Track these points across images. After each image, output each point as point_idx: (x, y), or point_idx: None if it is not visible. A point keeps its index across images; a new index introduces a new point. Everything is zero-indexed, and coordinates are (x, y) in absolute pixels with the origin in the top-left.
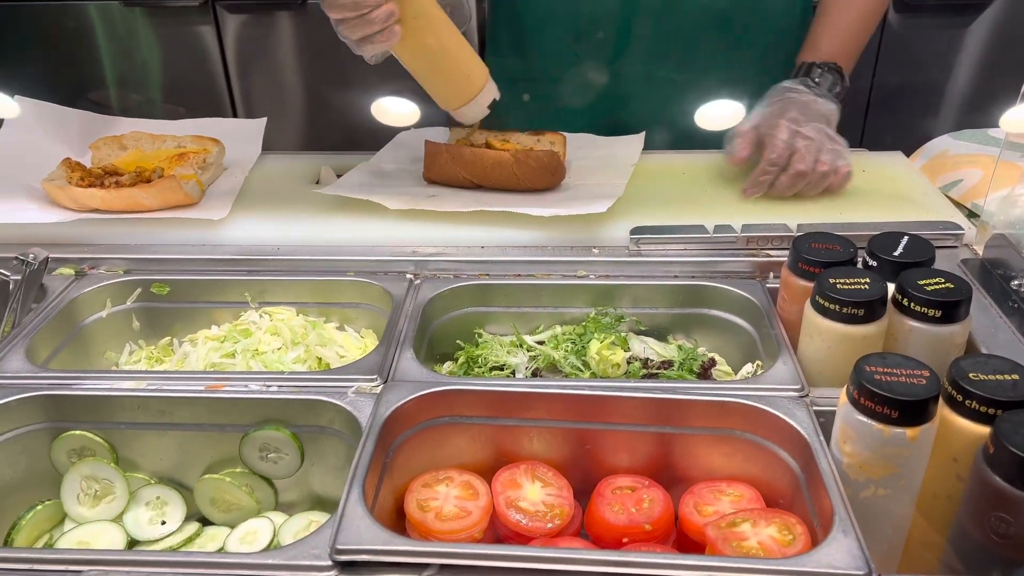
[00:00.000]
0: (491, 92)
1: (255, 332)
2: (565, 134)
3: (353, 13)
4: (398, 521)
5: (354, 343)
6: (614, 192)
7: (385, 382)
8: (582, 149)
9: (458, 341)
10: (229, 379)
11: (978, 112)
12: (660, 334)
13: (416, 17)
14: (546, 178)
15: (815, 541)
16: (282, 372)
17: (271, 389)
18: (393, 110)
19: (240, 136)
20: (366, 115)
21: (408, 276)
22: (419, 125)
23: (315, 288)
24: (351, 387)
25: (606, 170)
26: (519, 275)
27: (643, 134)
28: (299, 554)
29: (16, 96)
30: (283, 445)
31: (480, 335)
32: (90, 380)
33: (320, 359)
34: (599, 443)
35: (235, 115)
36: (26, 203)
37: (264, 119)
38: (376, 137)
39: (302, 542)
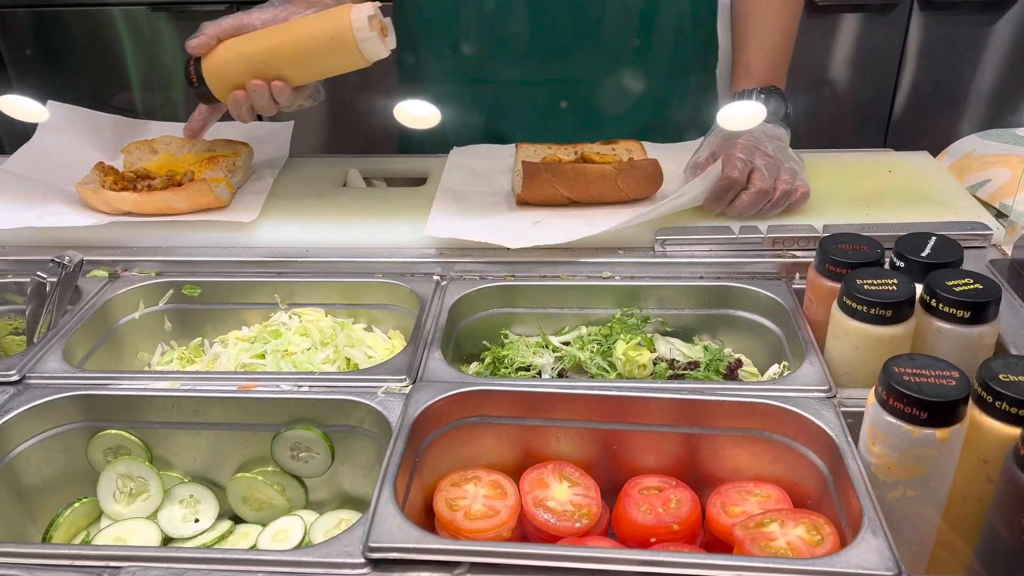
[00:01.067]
0: (362, 12)
1: (285, 333)
2: (643, 142)
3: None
4: (427, 520)
5: (382, 344)
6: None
7: (414, 382)
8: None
9: (484, 342)
10: (261, 379)
11: (1005, 112)
12: (686, 335)
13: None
14: (650, 188)
15: (844, 542)
16: (312, 372)
17: (302, 389)
18: (415, 112)
19: (268, 139)
20: (387, 118)
21: (435, 277)
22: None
23: (343, 290)
24: (381, 387)
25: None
26: (544, 276)
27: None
28: (332, 552)
29: (49, 101)
30: (314, 444)
31: (506, 336)
32: (125, 380)
33: (349, 360)
34: (626, 443)
35: (259, 119)
36: (60, 206)
37: (291, 123)
38: (395, 138)
39: (335, 540)
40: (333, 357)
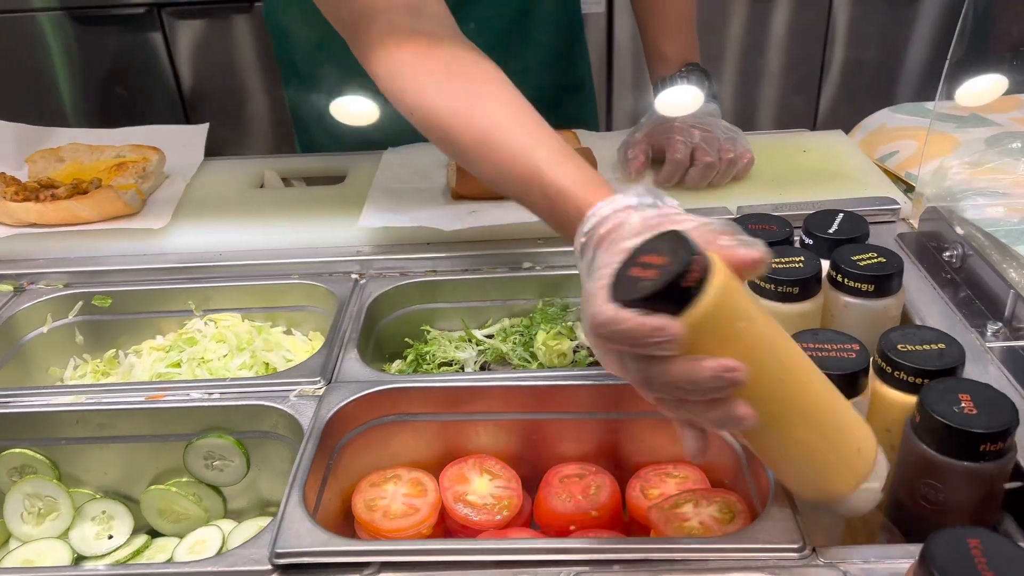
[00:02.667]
0: (883, 465)
1: (201, 340)
2: (576, 131)
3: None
4: (346, 523)
5: (301, 346)
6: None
7: (328, 383)
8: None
9: (407, 339)
10: (169, 389)
11: (929, 88)
12: None
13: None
14: None
15: (755, 518)
16: (224, 379)
17: (213, 397)
18: (353, 110)
19: (181, 143)
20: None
21: (353, 276)
22: (378, 125)
23: (259, 293)
24: (294, 390)
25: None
26: (466, 270)
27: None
28: (239, 559)
29: None
30: (228, 452)
31: (428, 332)
32: (27, 397)
33: (267, 364)
34: (547, 433)
35: (188, 122)
36: None
37: (206, 125)
38: (331, 137)
39: (242, 548)
40: (250, 362)
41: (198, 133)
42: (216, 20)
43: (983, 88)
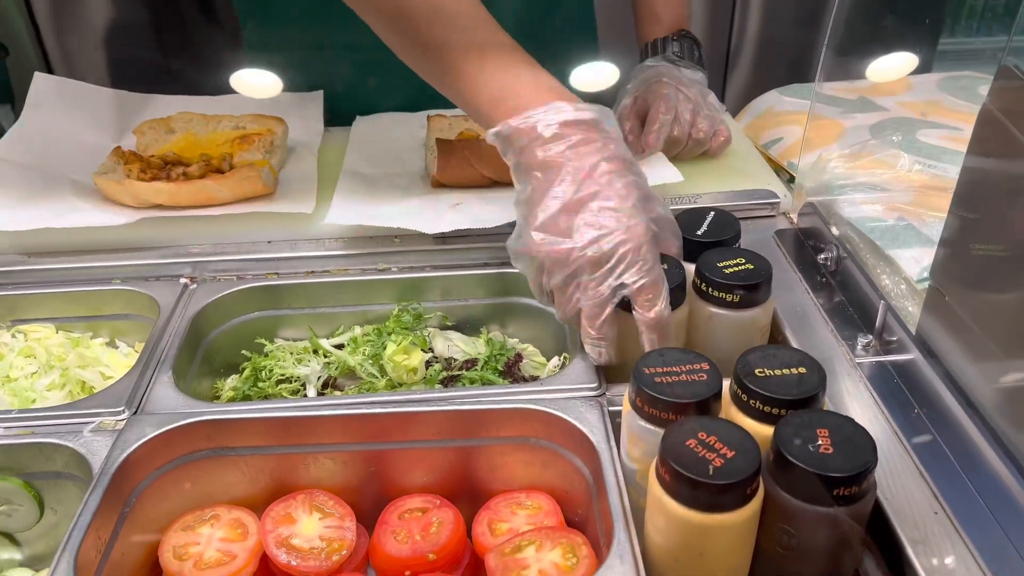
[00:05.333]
0: None
1: (6, 355)
2: None
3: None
4: None
5: (123, 361)
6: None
7: (134, 414)
8: None
9: (243, 351)
10: None
11: (841, 67)
12: (474, 327)
13: None
14: None
15: (601, 563)
16: (10, 411)
17: None
18: (255, 82)
19: (296, 112)
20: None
21: (183, 280)
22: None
23: (75, 300)
24: (91, 423)
25: None
26: (313, 272)
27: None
28: None
29: (36, 73)
30: (14, 496)
31: (264, 344)
32: None
33: (84, 383)
34: (391, 463)
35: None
36: (77, 201)
37: (321, 92)
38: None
39: None
40: (60, 381)
41: (314, 100)
42: None
43: (870, 69)
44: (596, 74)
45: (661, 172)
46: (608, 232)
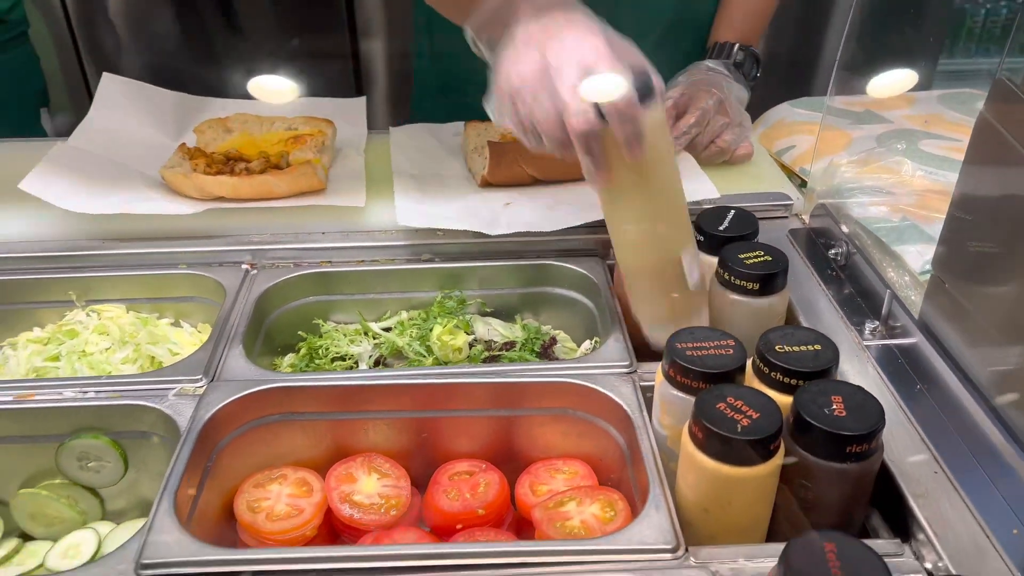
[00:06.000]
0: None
1: (82, 332)
2: None
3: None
4: (229, 526)
5: (189, 339)
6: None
7: (211, 381)
8: None
9: (299, 332)
10: (41, 387)
11: (848, 80)
12: (508, 314)
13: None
14: None
15: (636, 516)
16: (100, 376)
17: (87, 395)
18: (272, 87)
19: (343, 115)
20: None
21: (244, 266)
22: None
23: (145, 283)
24: (173, 389)
25: None
26: (363, 261)
27: None
28: (103, 571)
29: (104, 74)
30: (103, 453)
31: (321, 325)
32: None
33: (153, 358)
34: (439, 430)
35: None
36: (147, 191)
37: (363, 98)
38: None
39: (108, 557)
40: (133, 356)
41: (358, 106)
42: None
43: (876, 85)
44: None
45: (699, 187)
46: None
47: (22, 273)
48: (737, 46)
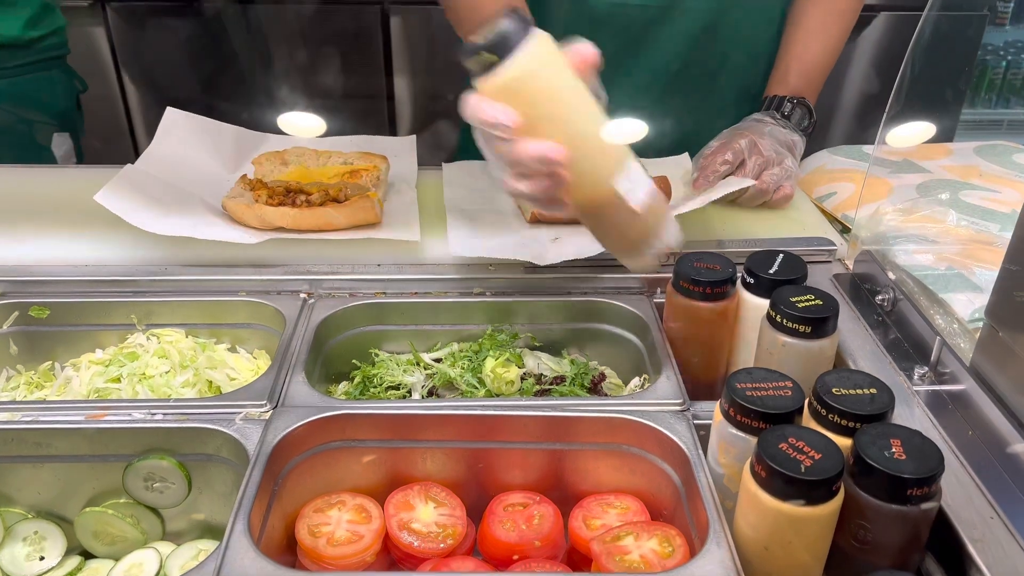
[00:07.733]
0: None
1: (142, 355)
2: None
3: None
4: (289, 549)
5: (246, 365)
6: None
7: (275, 407)
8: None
9: (354, 361)
10: (111, 408)
11: (861, 130)
12: (555, 349)
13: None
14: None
15: (693, 552)
16: (167, 399)
17: (155, 417)
18: (300, 124)
19: (393, 152)
20: (269, 124)
21: (302, 295)
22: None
23: (205, 309)
24: (239, 413)
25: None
26: (416, 293)
27: (686, 155)
28: None
29: (168, 108)
30: (169, 474)
31: (376, 354)
32: None
33: (211, 382)
34: (492, 461)
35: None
36: (212, 218)
37: (414, 136)
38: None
39: None
40: (193, 380)
41: (408, 144)
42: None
43: (915, 134)
44: None
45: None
46: None
47: (86, 296)
48: (787, 99)
